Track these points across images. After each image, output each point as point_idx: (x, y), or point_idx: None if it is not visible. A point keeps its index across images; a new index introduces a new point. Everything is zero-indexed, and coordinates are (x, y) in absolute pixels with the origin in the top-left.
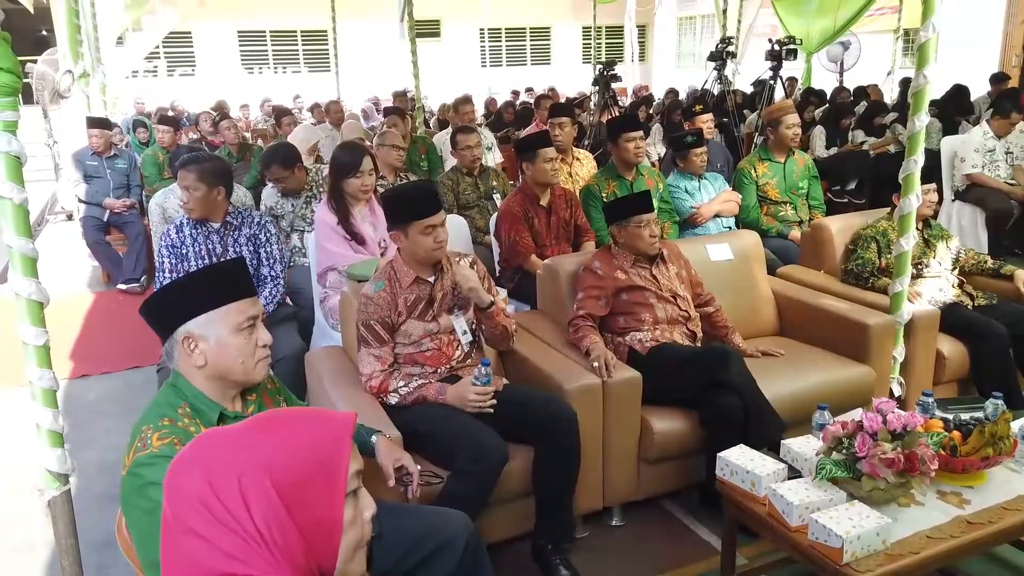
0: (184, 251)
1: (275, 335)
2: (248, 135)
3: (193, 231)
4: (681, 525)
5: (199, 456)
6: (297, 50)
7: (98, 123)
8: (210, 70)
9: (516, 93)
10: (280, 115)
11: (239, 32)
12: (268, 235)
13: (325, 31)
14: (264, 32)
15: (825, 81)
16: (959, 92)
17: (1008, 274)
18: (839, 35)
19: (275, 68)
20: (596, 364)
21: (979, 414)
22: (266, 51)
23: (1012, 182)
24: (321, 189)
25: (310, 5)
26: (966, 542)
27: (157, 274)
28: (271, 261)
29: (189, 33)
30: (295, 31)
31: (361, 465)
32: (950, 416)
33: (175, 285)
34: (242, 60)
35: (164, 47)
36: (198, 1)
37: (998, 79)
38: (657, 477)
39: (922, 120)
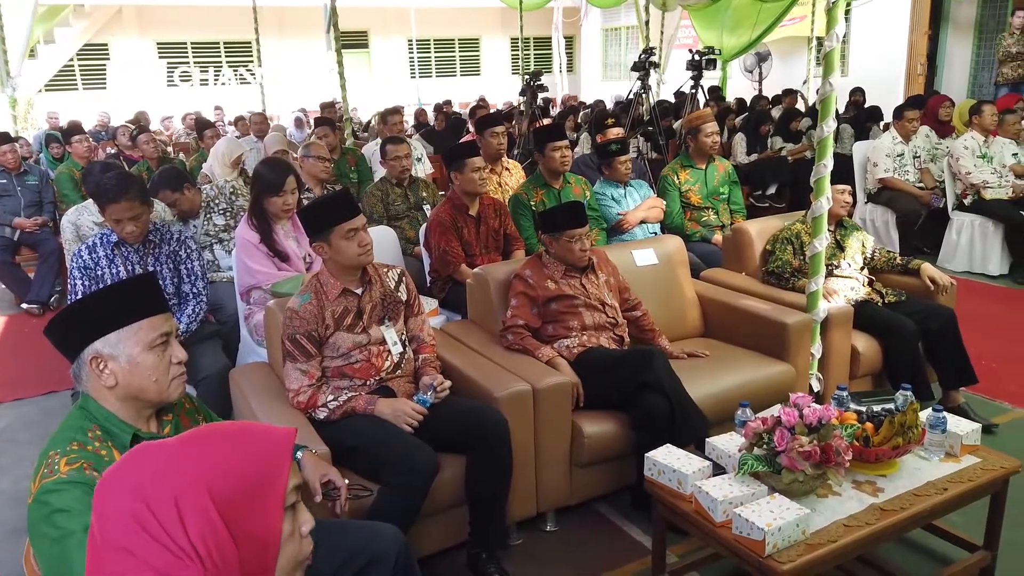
0: (99, 272)
1: (198, 353)
2: (170, 148)
3: (109, 252)
4: (614, 527)
5: (131, 471)
6: (220, 62)
7: (2, 139)
8: (129, 83)
9: (440, 106)
10: (202, 128)
11: (159, 44)
12: (189, 251)
13: (249, 42)
14: (185, 44)
15: (746, 91)
16: (858, 93)
17: (916, 268)
18: (755, 45)
19: (197, 80)
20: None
21: (890, 406)
22: (188, 63)
23: (920, 185)
24: (218, 203)
25: (233, 16)
26: (880, 528)
27: (70, 297)
28: (193, 278)
29: (106, 45)
30: (218, 42)
31: (300, 480)
32: (863, 408)
33: (80, 304)
34: (163, 72)
35: (79, 60)
36: (114, 13)
37: (855, 92)
38: (589, 481)
39: (830, 126)
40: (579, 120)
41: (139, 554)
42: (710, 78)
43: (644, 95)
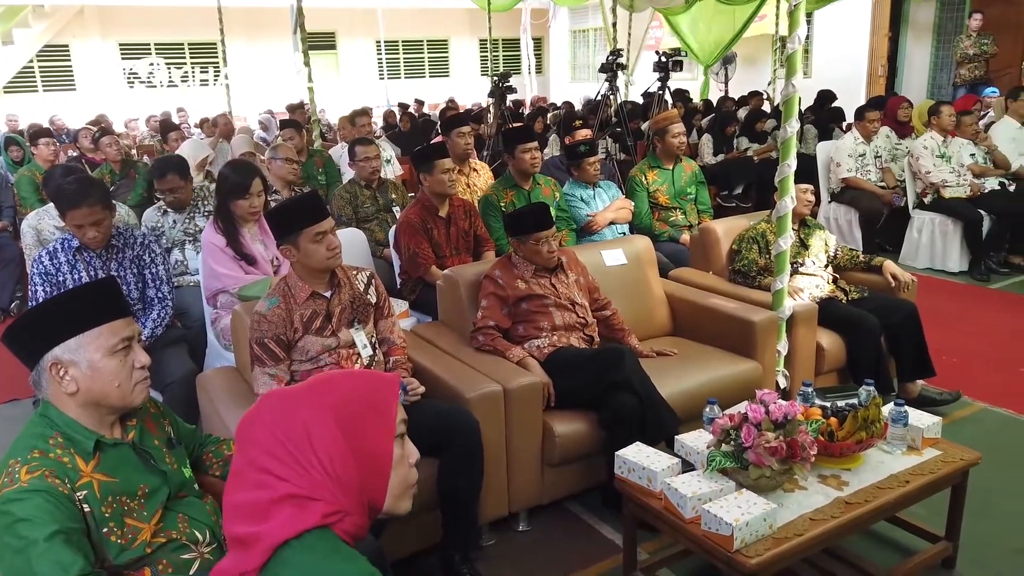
0: (61, 279)
1: (164, 358)
2: (135, 151)
3: (71, 257)
4: (585, 526)
5: (266, 407)
6: (185, 63)
7: None
8: (91, 85)
9: (404, 106)
10: (167, 130)
11: (121, 45)
12: (153, 255)
13: (215, 43)
14: (149, 45)
15: (713, 92)
16: (824, 98)
17: (878, 265)
18: (732, 45)
19: (162, 82)
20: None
21: (853, 401)
22: (152, 65)
23: (882, 184)
24: (206, 203)
25: (198, 17)
26: (845, 521)
27: (30, 303)
28: (157, 282)
29: (67, 46)
30: (182, 44)
31: (405, 415)
32: (827, 404)
33: (38, 310)
34: (125, 74)
35: (39, 61)
36: (75, 14)
37: (824, 97)
38: (561, 480)
39: (793, 126)
40: (548, 121)
41: (275, 471)
42: (679, 80)
43: (612, 96)
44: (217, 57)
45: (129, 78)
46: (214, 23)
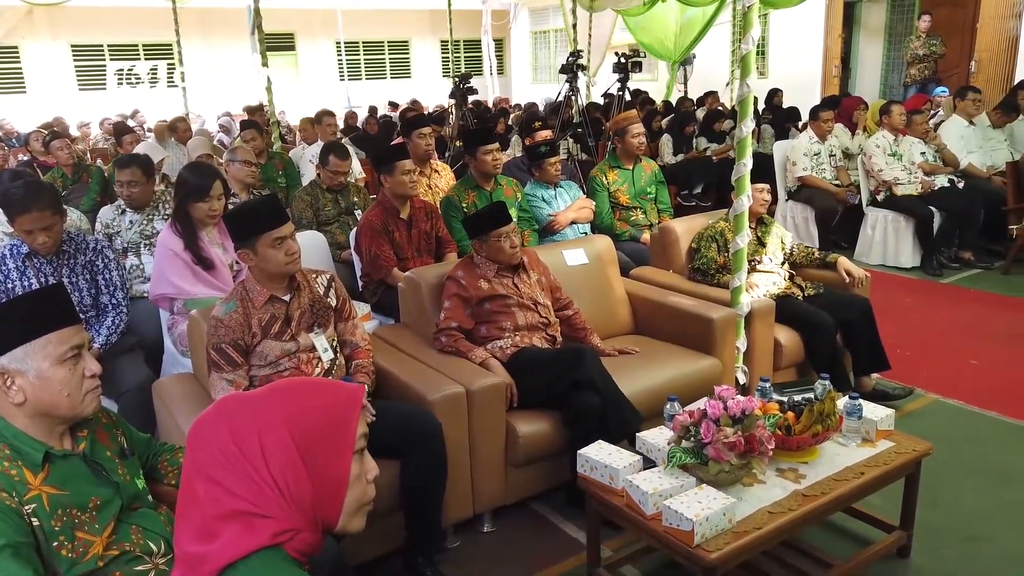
0: (9, 285)
1: (119, 366)
2: (88, 155)
3: (20, 263)
4: (550, 525)
5: (222, 412)
6: (140, 65)
7: None
8: (42, 87)
9: (373, 108)
10: (121, 133)
11: (73, 47)
12: (106, 261)
13: (170, 44)
14: (102, 46)
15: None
16: (772, 95)
17: (832, 262)
18: (697, 42)
19: (116, 84)
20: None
21: (809, 395)
22: (105, 67)
23: (837, 182)
24: (167, 207)
25: (152, 17)
26: (803, 513)
27: None
28: (111, 288)
29: (16, 48)
30: (136, 45)
31: (366, 429)
32: (784, 399)
33: None
34: (78, 76)
35: None
36: (25, 14)
37: (773, 94)
38: (525, 480)
39: (748, 126)
40: (509, 122)
41: (226, 483)
42: (638, 81)
43: (573, 97)
44: (173, 58)
45: (85, 80)
46: (169, 24)
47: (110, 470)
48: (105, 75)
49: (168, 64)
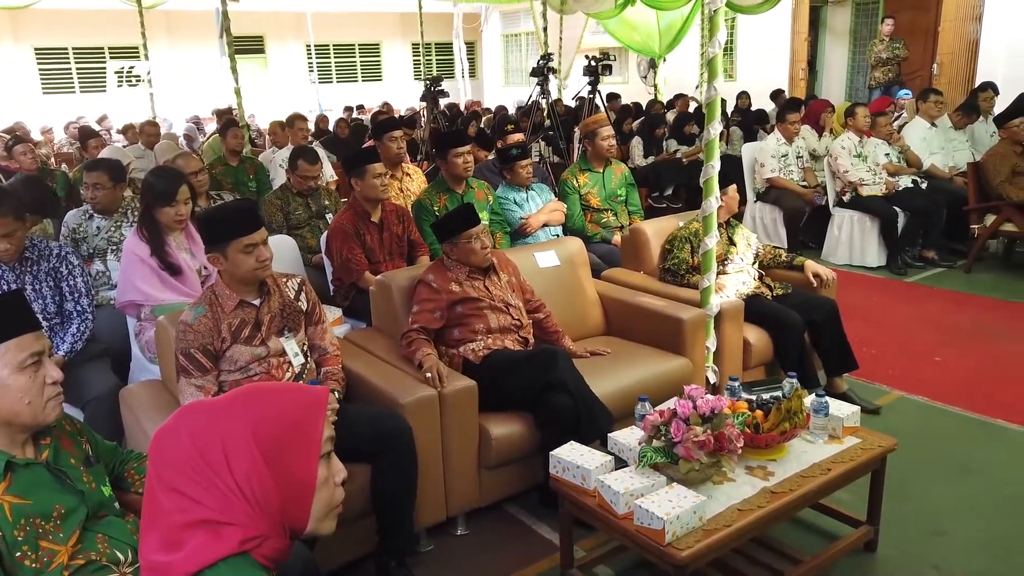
0: None
1: (85, 374)
2: (52, 160)
3: None
4: (524, 527)
5: (183, 421)
6: (105, 69)
7: None
8: (4, 91)
9: (349, 110)
10: (86, 137)
11: (36, 49)
12: (71, 267)
13: (136, 47)
14: (67, 49)
15: (643, 95)
16: (739, 97)
17: (800, 264)
18: (681, 38)
19: (80, 88)
20: (428, 375)
21: (777, 393)
22: (70, 70)
23: (804, 183)
24: (135, 213)
25: (118, 20)
26: (772, 510)
27: None
28: (76, 295)
29: None
30: (102, 48)
31: (333, 433)
32: (753, 397)
33: None
34: (41, 80)
35: None
36: None
37: (777, 94)
38: (498, 482)
39: (716, 128)
40: (480, 126)
41: (190, 493)
42: (611, 84)
43: (544, 100)
44: (139, 62)
45: (49, 84)
46: (134, 26)
47: (74, 478)
48: (71, 79)
49: (130, 68)
